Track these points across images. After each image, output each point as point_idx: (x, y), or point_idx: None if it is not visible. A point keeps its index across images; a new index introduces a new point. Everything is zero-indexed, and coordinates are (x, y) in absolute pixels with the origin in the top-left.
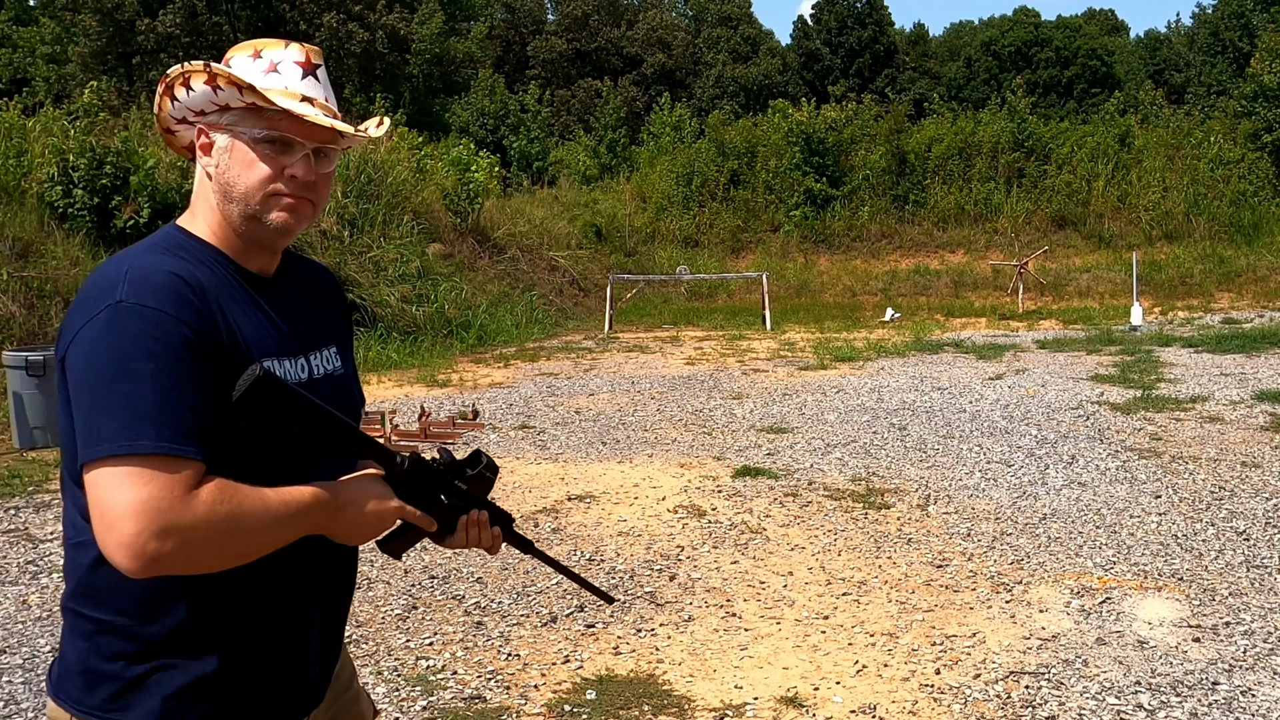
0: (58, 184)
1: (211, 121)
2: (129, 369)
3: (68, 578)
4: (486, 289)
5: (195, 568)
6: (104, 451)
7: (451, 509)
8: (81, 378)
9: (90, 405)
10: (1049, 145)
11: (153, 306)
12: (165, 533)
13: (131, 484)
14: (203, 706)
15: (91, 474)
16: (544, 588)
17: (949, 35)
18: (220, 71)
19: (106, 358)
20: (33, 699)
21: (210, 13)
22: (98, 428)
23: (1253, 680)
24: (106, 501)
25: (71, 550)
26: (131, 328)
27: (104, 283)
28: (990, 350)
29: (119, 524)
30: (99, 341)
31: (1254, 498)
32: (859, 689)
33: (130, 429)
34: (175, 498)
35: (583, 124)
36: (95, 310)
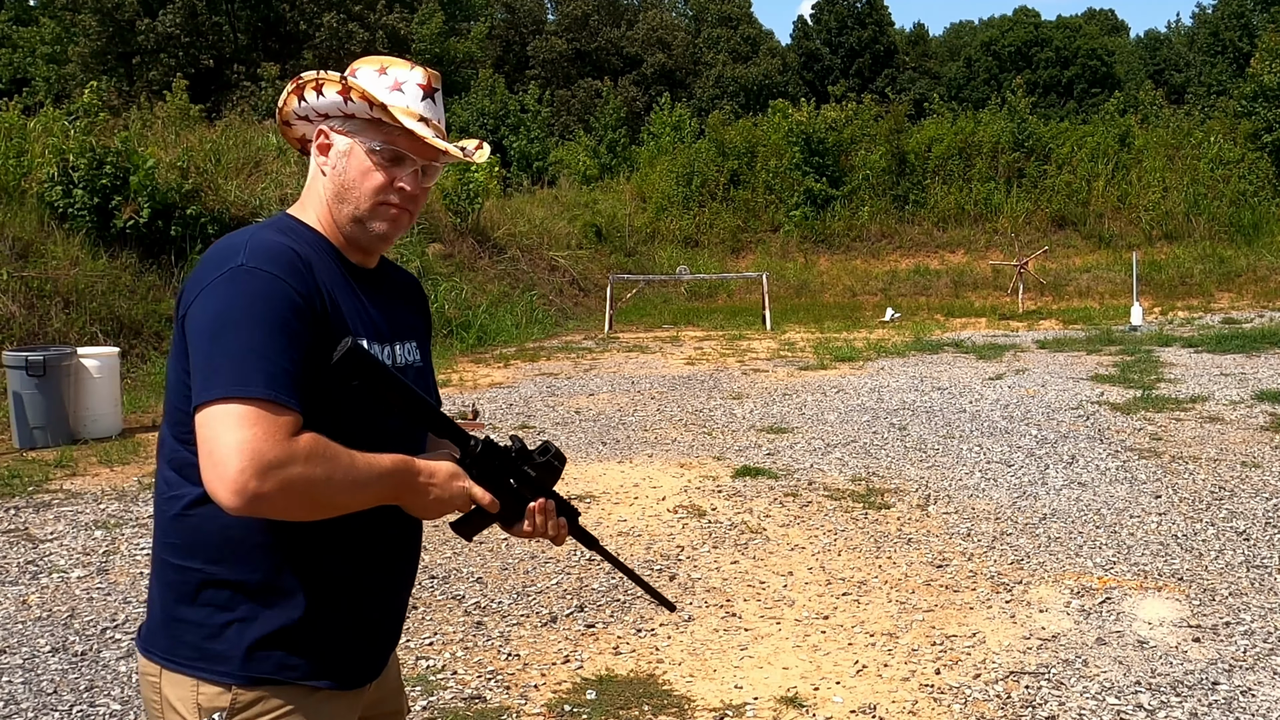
0: (58, 184)
1: (334, 126)
2: (245, 322)
3: (158, 533)
4: (486, 289)
5: (287, 512)
6: (217, 394)
7: (519, 495)
8: (201, 328)
9: (208, 352)
10: (1049, 145)
11: (268, 270)
12: (265, 473)
13: (240, 424)
14: (276, 657)
15: (203, 413)
16: (544, 588)
17: (949, 35)
18: (355, 86)
19: (225, 311)
20: (33, 699)
21: (210, 13)
22: (213, 372)
23: (1253, 680)
24: (215, 439)
25: (164, 503)
26: (249, 287)
27: (225, 251)
28: (990, 350)
29: (226, 460)
30: (219, 298)
31: (1254, 498)
32: (859, 689)
33: (243, 375)
34: (277, 441)
35: (583, 124)
36: (218, 272)
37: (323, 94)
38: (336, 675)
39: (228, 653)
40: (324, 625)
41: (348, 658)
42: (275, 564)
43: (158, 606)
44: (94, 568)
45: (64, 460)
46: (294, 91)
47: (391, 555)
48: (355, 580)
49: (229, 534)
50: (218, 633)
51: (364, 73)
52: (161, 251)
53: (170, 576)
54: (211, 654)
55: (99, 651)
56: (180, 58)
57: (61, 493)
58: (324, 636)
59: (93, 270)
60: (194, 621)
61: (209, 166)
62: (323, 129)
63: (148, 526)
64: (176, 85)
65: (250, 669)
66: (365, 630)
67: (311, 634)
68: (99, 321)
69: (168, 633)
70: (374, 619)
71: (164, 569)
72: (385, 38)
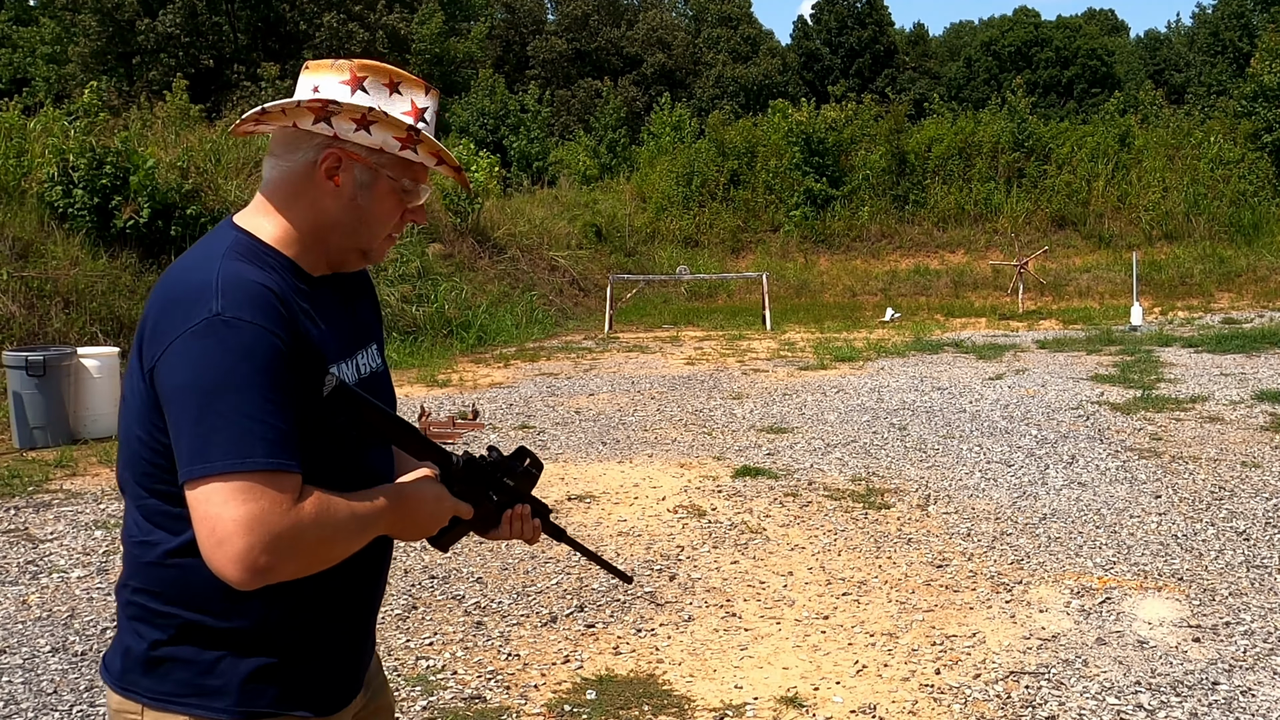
0: (58, 184)
1: (353, 151)
2: (233, 385)
3: (130, 573)
4: (486, 289)
5: (296, 575)
6: (215, 469)
7: (498, 505)
8: (183, 393)
9: (196, 419)
10: (1049, 145)
11: (249, 320)
12: (274, 546)
13: (242, 500)
14: (271, 692)
15: (199, 490)
16: (544, 588)
17: (949, 35)
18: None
19: (210, 373)
20: (33, 699)
21: (210, 13)
22: (206, 444)
23: (1253, 680)
24: (217, 518)
25: (136, 548)
26: (231, 341)
27: (193, 292)
28: (990, 350)
29: (230, 539)
30: (200, 357)
31: (1254, 498)
32: (859, 689)
33: (240, 444)
34: (283, 512)
35: (583, 124)
36: (191, 321)
37: (370, 132)
38: (328, 702)
39: (223, 687)
40: (313, 655)
41: (336, 682)
42: (262, 605)
43: (136, 644)
44: (94, 568)
45: (64, 460)
46: (315, 110)
47: (370, 579)
48: (339, 608)
49: (212, 582)
50: (209, 668)
51: (370, 82)
52: (161, 251)
53: (150, 618)
54: (205, 689)
55: (99, 651)
56: (180, 58)
57: (61, 493)
58: (314, 665)
59: (93, 270)
60: (182, 659)
61: (209, 166)
62: (336, 152)
63: None
64: (176, 85)
65: (246, 703)
66: (350, 652)
67: (302, 665)
68: (99, 321)
69: (151, 670)
70: (357, 640)
71: (141, 611)
72: (385, 38)
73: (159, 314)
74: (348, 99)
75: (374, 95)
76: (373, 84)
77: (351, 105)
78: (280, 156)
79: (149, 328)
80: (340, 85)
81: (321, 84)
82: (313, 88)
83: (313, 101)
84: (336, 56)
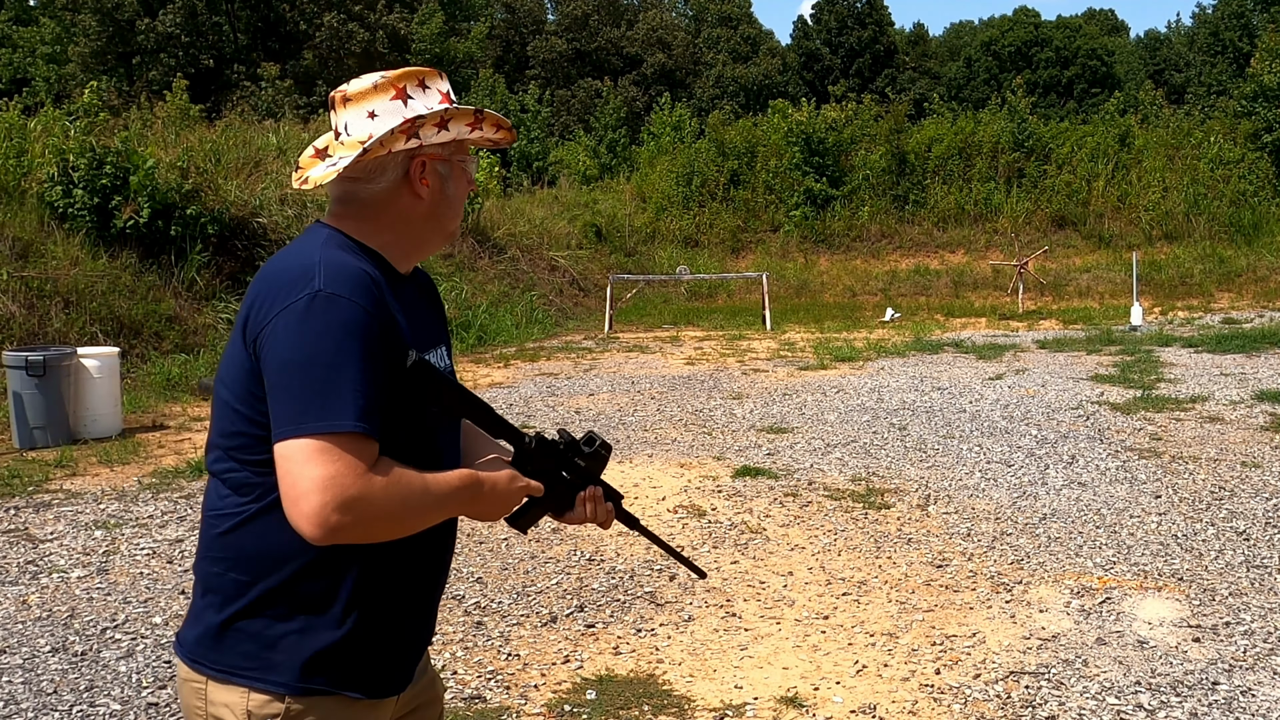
0: (58, 184)
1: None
2: (329, 355)
3: (208, 545)
4: (486, 289)
5: (366, 538)
6: (305, 430)
7: (571, 485)
8: (283, 361)
9: (291, 384)
10: (1049, 145)
11: (347, 297)
12: (346, 506)
13: (322, 460)
14: (330, 668)
15: (287, 446)
16: (544, 588)
17: (949, 35)
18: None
19: (309, 344)
20: (33, 699)
21: (210, 13)
22: (298, 406)
23: (1253, 680)
24: (297, 474)
25: (216, 520)
26: (330, 316)
27: (297, 272)
28: (990, 350)
29: (307, 496)
30: (301, 328)
31: (1254, 498)
32: (859, 689)
33: (329, 408)
34: (357, 475)
35: (583, 124)
36: (294, 297)
37: (448, 129)
38: (382, 685)
39: (284, 663)
40: (375, 638)
41: (392, 667)
42: (331, 581)
43: (211, 618)
44: (94, 568)
45: (64, 460)
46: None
47: (434, 566)
48: (403, 593)
49: (286, 551)
50: (274, 643)
51: (413, 90)
52: (161, 251)
53: (224, 589)
54: (268, 664)
55: (99, 651)
56: (180, 58)
57: (61, 493)
58: (374, 649)
59: (93, 270)
60: (250, 632)
61: (209, 166)
62: (420, 160)
63: (148, 526)
64: (176, 85)
65: (305, 680)
66: (408, 639)
67: (363, 647)
68: (99, 321)
69: (219, 642)
70: (416, 628)
71: (217, 583)
72: (385, 38)
73: (264, 293)
74: (423, 110)
75: (417, 98)
76: (412, 89)
77: (432, 114)
78: (366, 181)
79: (254, 306)
80: (393, 102)
81: (376, 108)
82: (368, 114)
83: (403, 125)
84: (337, 57)
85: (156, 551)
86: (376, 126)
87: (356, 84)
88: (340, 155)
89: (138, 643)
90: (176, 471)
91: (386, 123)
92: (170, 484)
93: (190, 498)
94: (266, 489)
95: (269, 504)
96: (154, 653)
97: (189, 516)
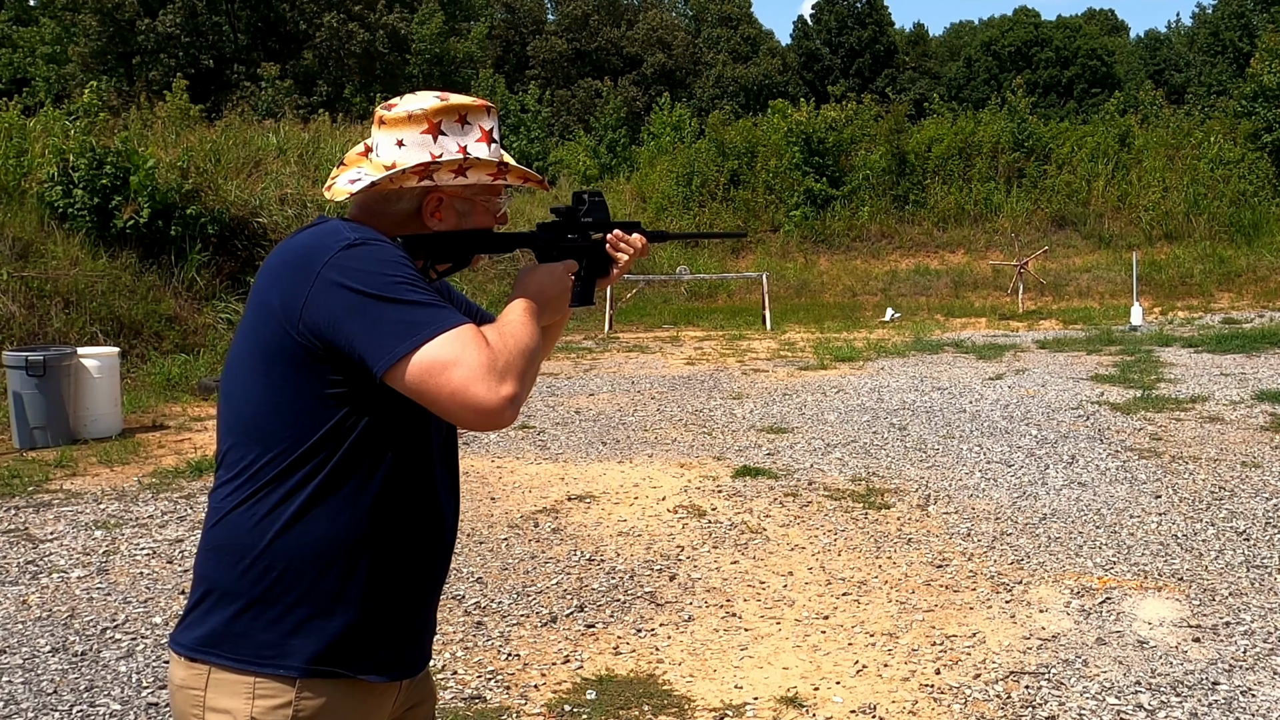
0: (58, 184)
1: (451, 190)
2: (395, 278)
3: (215, 535)
4: (486, 289)
5: (528, 389)
6: (426, 336)
7: (594, 246)
8: (354, 304)
9: (379, 317)
10: (1049, 145)
11: (377, 239)
12: (506, 371)
13: (463, 349)
14: (341, 653)
15: (415, 360)
16: (544, 588)
17: (949, 35)
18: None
19: (371, 278)
20: (33, 699)
21: (210, 13)
22: (403, 326)
23: (1253, 680)
24: (451, 373)
25: (226, 510)
26: (375, 254)
27: (319, 240)
28: (990, 350)
29: (470, 385)
30: (355, 270)
31: (1254, 498)
32: (859, 689)
33: (429, 315)
34: (489, 349)
35: (583, 124)
36: (326, 257)
37: (467, 175)
38: (392, 668)
39: (296, 648)
40: (385, 622)
41: (402, 650)
42: (344, 568)
43: (216, 609)
44: (94, 568)
45: (64, 460)
46: (419, 173)
47: (439, 553)
48: (412, 575)
49: (301, 536)
50: (289, 628)
51: (446, 124)
52: (161, 251)
53: (234, 576)
54: (280, 650)
55: (99, 651)
56: (180, 58)
57: (61, 493)
58: (384, 633)
59: (93, 270)
60: (261, 618)
61: (209, 166)
62: (436, 195)
63: (148, 526)
64: (176, 85)
65: (316, 664)
66: (417, 623)
67: (373, 631)
68: (99, 321)
69: (228, 632)
70: (424, 611)
71: (226, 569)
72: (385, 38)
73: (287, 267)
74: (442, 153)
75: (450, 135)
76: (447, 124)
77: (449, 161)
78: (381, 205)
79: (282, 283)
80: (422, 135)
81: (405, 138)
82: (397, 142)
83: (416, 167)
84: (337, 57)
85: (156, 551)
86: (401, 156)
87: (398, 108)
88: (365, 174)
89: (138, 643)
90: (176, 471)
91: (410, 156)
92: (170, 484)
93: (190, 498)
94: (278, 481)
95: (285, 489)
96: (154, 653)
97: (189, 516)
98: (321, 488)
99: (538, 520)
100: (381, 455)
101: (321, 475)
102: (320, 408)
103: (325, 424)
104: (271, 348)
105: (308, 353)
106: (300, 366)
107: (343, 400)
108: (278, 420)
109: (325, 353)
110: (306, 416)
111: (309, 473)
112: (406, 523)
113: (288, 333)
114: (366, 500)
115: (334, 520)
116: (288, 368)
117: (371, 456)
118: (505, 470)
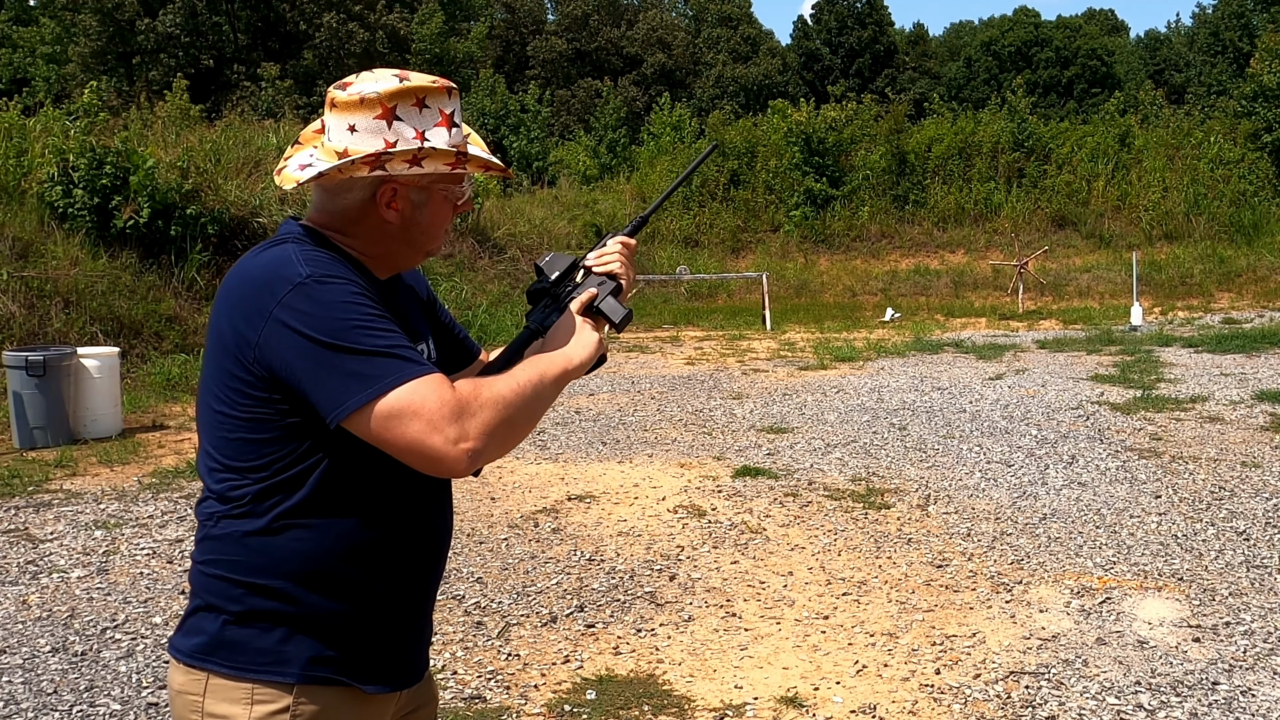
0: (58, 184)
1: (406, 179)
2: (349, 322)
3: (206, 548)
4: (486, 289)
5: (504, 449)
6: (380, 390)
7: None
8: (307, 349)
9: (333, 365)
10: (1049, 145)
11: (334, 276)
12: (463, 427)
13: (421, 401)
14: (336, 661)
15: (378, 408)
16: (544, 588)
17: (949, 35)
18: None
19: (325, 324)
20: (33, 699)
21: (210, 13)
22: (359, 376)
23: (1253, 680)
24: (407, 424)
25: (215, 524)
26: (330, 295)
27: (272, 270)
28: (990, 350)
29: (428, 436)
30: (308, 315)
31: (1254, 498)
32: (859, 689)
33: (390, 365)
34: (452, 399)
35: (583, 124)
36: (281, 293)
37: (422, 165)
38: (389, 678)
39: (291, 656)
40: (379, 633)
41: (399, 661)
42: (334, 582)
43: (211, 619)
44: (94, 568)
45: (64, 460)
46: (369, 163)
47: (431, 561)
48: (405, 589)
49: (286, 554)
50: (282, 638)
51: (403, 109)
52: (161, 251)
53: (231, 591)
54: (275, 657)
55: (99, 651)
56: (180, 58)
57: (61, 493)
58: (378, 644)
59: (93, 270)
60: (254, 628)
61: (209, 166)
62: (390, 186)
63: (148, 526)
64: (176, 85)
65: (311, 671)
66: (413, 632)
67: (367, 642)
68: (99, 321)
69: (223, 641)
70: (419, 620)
71: (218, 585)
72: (385, 38)
73: (243, 299)
74: (396, 142)
75: (407, 120)
76: (403, 109)
77: (403, 151)
78: (334, 195)
79: (236, 315)
80: (375, 121)
81: (357, 123)
82: (348, 127)
83: (367, 158)
84: (337, 57)
85: (156, 551)
86: (353, 143)
87: (352, 89)
88: (316, 158)
89: (138, 643)
90: (176, 471)
91: (362, 143)
92: (170, 484)
93: (190, 498)
94: (265, 500)
95: (265, 508)
96: (154, 653)
97: (189, 516)
98: (305, 505)
99: (538, 520)
100: (366, 467)
101: (304, 492)
102: (288, 435)
103: (300, 445)
104: (235, 378)
105: (268, 385)
106: (263, 401)
107: (313, 428)
108: (251, 448)
109: (284, 393)
110: (278, 442)
111: (290, 492)
112: (396, 533)
113: (246, 366)
114: (354, 513)
115: (322, 535)
116: (252, 401)
117: (356, 470)
118: (505, 470)
